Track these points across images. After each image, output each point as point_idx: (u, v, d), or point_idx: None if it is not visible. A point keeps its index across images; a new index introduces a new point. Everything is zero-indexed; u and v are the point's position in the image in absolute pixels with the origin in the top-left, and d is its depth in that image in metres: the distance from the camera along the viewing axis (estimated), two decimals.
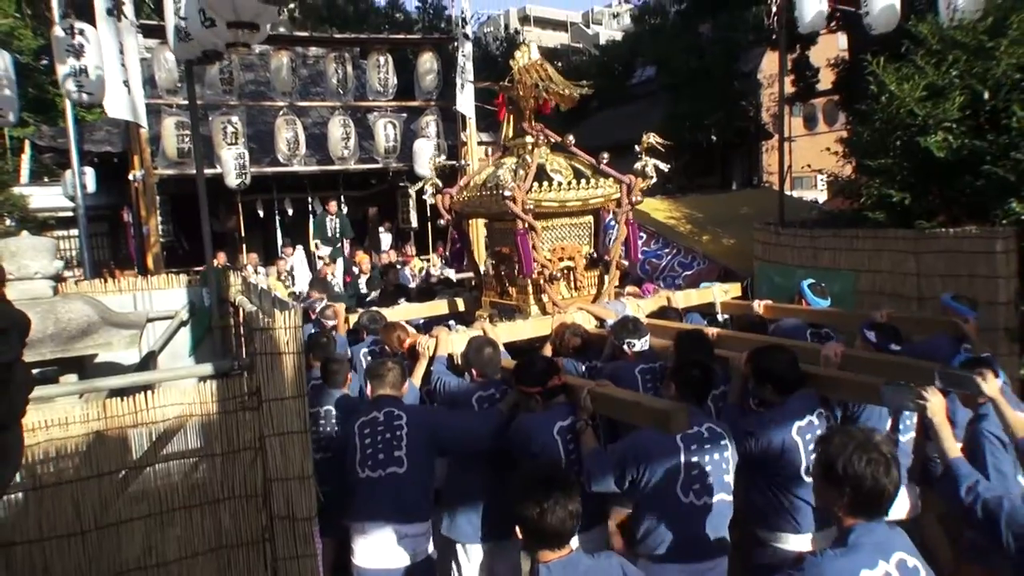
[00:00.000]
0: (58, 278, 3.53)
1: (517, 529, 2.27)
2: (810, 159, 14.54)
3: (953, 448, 2.58)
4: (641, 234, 7.94)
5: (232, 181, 10.02)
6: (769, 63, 20.75)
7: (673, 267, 7.56)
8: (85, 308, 3.27)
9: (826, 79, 14.39)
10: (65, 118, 8.79)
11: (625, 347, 4.05)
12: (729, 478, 3.05)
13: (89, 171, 11.10)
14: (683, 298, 5.54)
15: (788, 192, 9.49)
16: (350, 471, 3.36)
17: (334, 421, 4.08)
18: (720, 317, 5.58)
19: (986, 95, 4.95)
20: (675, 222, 8.20)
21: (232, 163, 9.89)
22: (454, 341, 4.31)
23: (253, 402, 2.92)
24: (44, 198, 12.80)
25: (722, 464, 3.02)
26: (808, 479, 3.01)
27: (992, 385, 2.84)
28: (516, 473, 2.76)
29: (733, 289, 5.90)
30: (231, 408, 2.92)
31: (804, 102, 14.40)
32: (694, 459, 2.96)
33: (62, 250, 13.70)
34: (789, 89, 16.69)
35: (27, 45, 15.55)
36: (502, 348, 4.18)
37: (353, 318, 5.36)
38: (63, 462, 2.70)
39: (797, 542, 3.15)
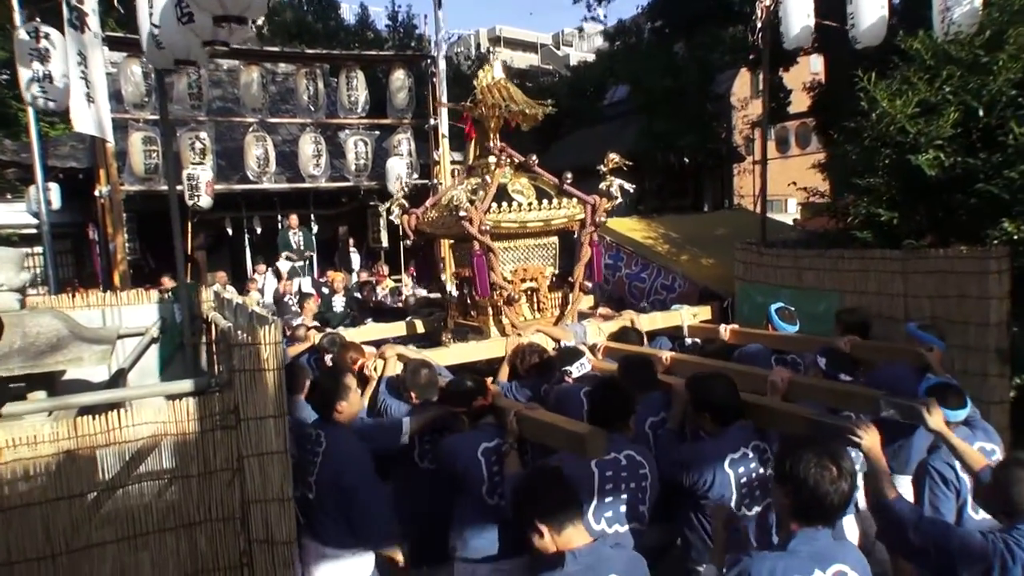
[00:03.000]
0: (25, 291, 3.40)
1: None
2: (781, 182, 14.80)
3: (888, 488, 2.47)
4: (621, 255, 8.00)
5: (203, 201, 9.85)
6: (741, 85, 21.20)
7: (657, 289, 7.58)
8: (54, 322, 3.15)
9: (799, 102, 14.67)
10: (29, 132, 8.57)
11: (565, 375, 4.04)
12: (644, 508, 2.98)
13: (54, 187, 10.78)
14: (648, 321, 5.49)
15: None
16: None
17: None
18: (688, 341, 5.53)
19: (980, 112, 4.92)
20: (652, 242, 8.23)
21: (185, 183, 9.74)
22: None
23: (231, 421, 2.83)
24: (7, 214, 12.49)
25: (638, 493, 2.96)
26: (739, 513, 2.96)
27: (937, 418, 2.80)
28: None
29: (702, 312, 5.83)
30: (208, 427, 2.83)
31: (775, 124, 14.58)
32: (608, 486, 2.89)
33: (26, 268, 13.32)
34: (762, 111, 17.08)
35: None
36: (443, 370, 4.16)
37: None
38: (32, 482, 2.59)
39: None
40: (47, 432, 2.59)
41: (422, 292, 10.11)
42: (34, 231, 10.72)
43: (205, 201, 9.85)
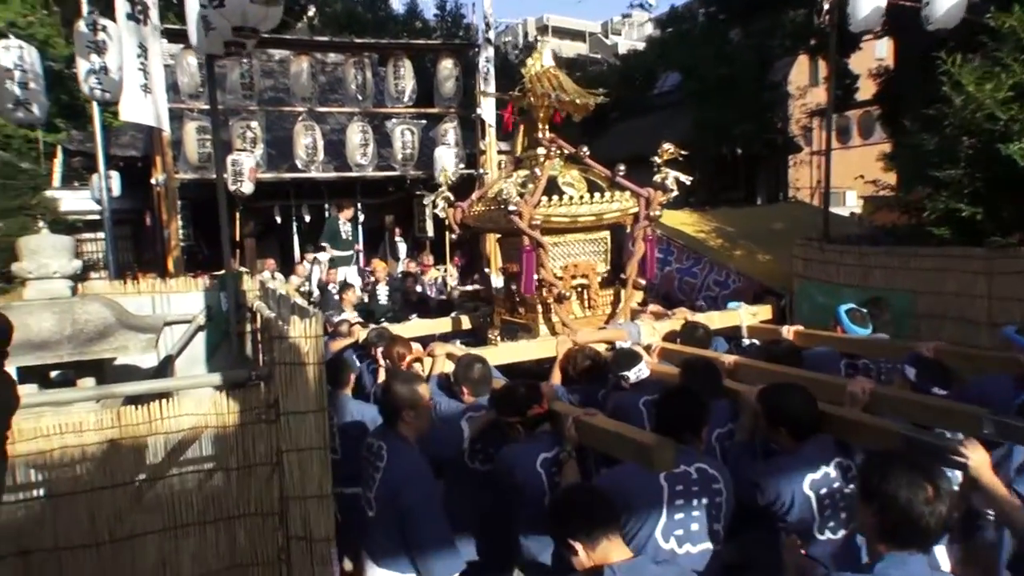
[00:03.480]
0: (76, 278, 3.45)
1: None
2: (840, 174, 14.26)
3: (1017, 512, 2.19)
4: (671, 249, 7.75)
5: (230, 186, 9.91)
6: (799, 73, 20.49)
7: (709, 285, 7.28)
8: (102, 310, 3.19)
9: (862, 90, 14.09)
10: (93, 123, 8.81)
11: (621, 381, 3.86)
12: (719, 526, 2.75)
13: (115, 175, 11.13)
14: (704, 320, 5.12)
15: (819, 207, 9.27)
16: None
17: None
18: (746, 342, 5.19)
19: None
20: (704, 236, 7.95)
21: (230, 169, 9.78)
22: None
23: (271, 415, 2.81)
24: (74, 201, 12.91)
25: (712, 511, 2.73)
26: (821, 537, 2.76)
27: None
28: None
29: (762, 311, 5.50)
30: (247, 420, 2.81)
31: (841, 113, 13.91)
32: (679, 502, 2.67)
33: (89, 252, 13.82)
34: (823, 98, 16.46)
35: (60, 53, 15.76)
36: (494, 369, 4.00)
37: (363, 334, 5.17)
38: (78, 469, 2.61)
39: None
40: (92, 420, 2.61)
41: (467, 286, 10.08)
42: (97, 217, 11.05)
43: (247, 187, 9.93)
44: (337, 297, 9.08)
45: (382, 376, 4.60)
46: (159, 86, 5.62)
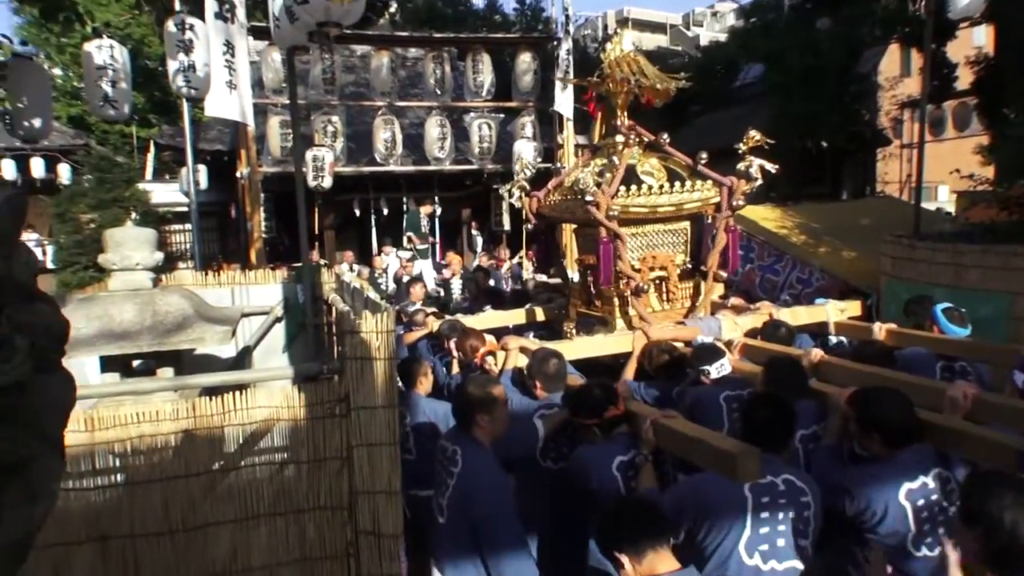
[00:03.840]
0: (159, 269, 3.54)
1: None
2: (932, 168, 13.46)
3: None
4: (752, 246, 7.45)
5: (323, 183, 10.13)
6: (889, 63, 19.49)
7: (792, 283, 7.00)
8: (181, 302, 3.25)
9: (959, 80, 13.26)
10: (183, 118, 9.17)
11: (701, 376, 3.68)
12: (806, 542, 2.56)
13: (202, 168, 11.64)
14: (790, 315, 4.89)
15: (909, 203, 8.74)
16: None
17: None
18: (833, 339, 4.93)
19: None
20: (787, 232, 7.64)
21: (311, 164, 9.97)
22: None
23: (341, 409, 2.78)
24: (164, 194, 13.54)
25: (799, 525, 2.55)
26: (917, 553, 2.54)
27: None
28: None
29: (851, 308, 5.20)
30: (318, 414, 2.79)
31: (938, 104, 13.12)
32: (763, 515, 2.50)
33: (177, 243, 14.46)
34: (915, 89, 15.53)
35: (154, 51, 16.55)
36: (569, 366, 3.82)
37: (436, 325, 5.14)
38: (154, 458, 2.65)
39: None
40: (168, 410, 2.65)
41: (542, 277, 9.97)
42: (185, 209, 11.56)
43: (327, 182, 10.12)
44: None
45: (455, 368, 4.57)
46: (244, 82, 5.74)
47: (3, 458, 0.93)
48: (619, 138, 4.81)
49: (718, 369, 3.65)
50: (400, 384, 3.97)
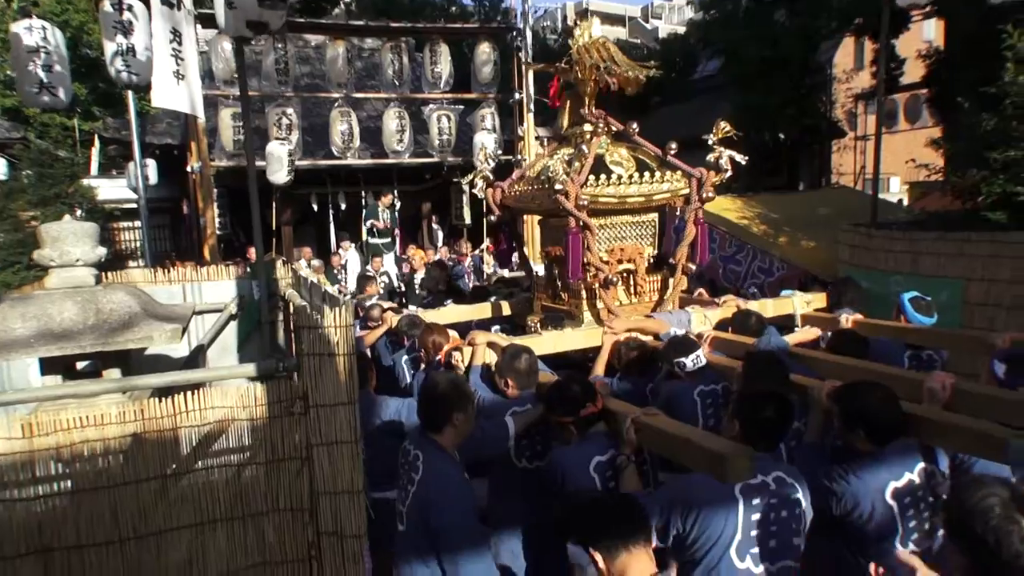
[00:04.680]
0: (101, 266, 3.35)
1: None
2: (884, 159, 13.77)
3: None
4: (715, 236, 7.50)
5: (280, 178, 9.88)
6: (844, 56, 19.89)
7: (754, 272, 7.10)
8: (127, 299, 3.08)
9: (908, 74, 13.58)
10: (128, 110, 8.84)
11: (676, 368, 3.63)
12: (799, 540, 2.52)
13: (151, 163, 11.23)
14: (757, 308, 4.88)
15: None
16: None
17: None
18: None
19: None
20: (747, 222, 7.74)
21: (276, 158, 9.73)
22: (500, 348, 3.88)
23: (300, 407, 2.67)
24: (111, 190, 13.01)
25: (791, 524, 2.49)
26: (905, 549, 2.50)
27: None
28: None
29: (817, 299, 5.22)
30: (276, 413, 2.68)
31: (888, 96, 13.41)
32: (755, 516, 2.44)
33: (127, 241, 13.96)
34: (868, 82, 15.84)
35: (95, 39, 15.92)
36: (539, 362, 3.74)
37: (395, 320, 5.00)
38: (100, 464, 2.50)
39: None
40: (115, 413, 2.50)
41: (504, 272, 9.91)
42: (134, 206, 11.16)
43: (283, 177, 9.89)
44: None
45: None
46: (193, 72, 5.49)
47: None
48: (587, 127, 4.75)
49: (694, 361, 3.61)
50: None
